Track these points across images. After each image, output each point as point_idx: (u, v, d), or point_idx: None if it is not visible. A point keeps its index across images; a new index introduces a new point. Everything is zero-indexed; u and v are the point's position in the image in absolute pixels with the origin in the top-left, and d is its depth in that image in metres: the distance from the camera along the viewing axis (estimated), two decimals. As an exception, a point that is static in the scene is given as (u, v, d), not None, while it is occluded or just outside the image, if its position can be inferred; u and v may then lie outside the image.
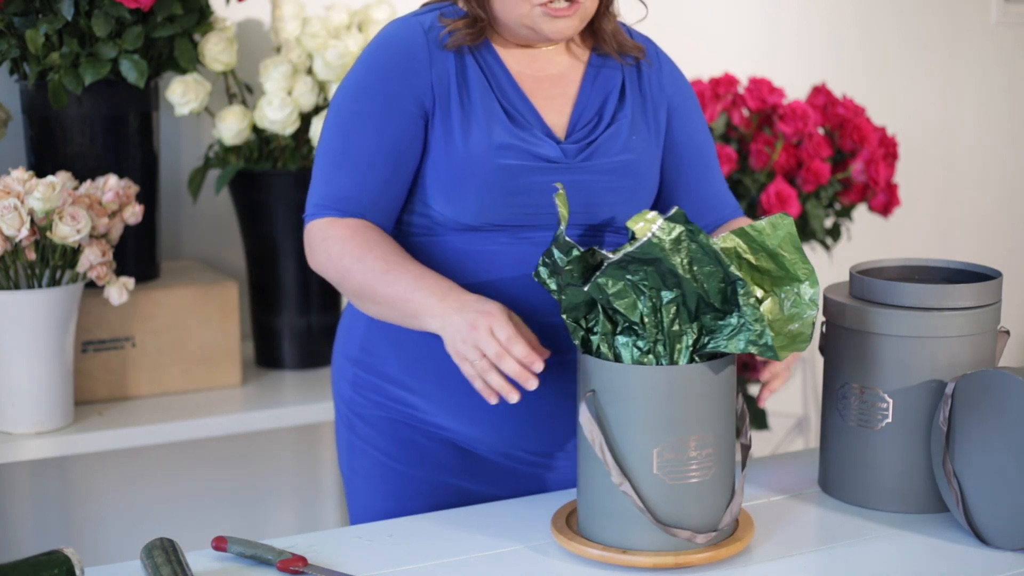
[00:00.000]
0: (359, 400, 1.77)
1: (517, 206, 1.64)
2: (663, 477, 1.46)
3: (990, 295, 1.65)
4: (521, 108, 1.66)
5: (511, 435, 1.71)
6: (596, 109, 1.70)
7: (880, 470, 1.66)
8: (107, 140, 2.24)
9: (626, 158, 1.68)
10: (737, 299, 1.44)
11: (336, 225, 1.64)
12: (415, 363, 1.71)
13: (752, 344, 1.44)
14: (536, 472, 1.77)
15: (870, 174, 2.57)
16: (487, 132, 1.62)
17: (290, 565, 1.47)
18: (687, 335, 1.47)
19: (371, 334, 1.75)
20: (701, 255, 1.43)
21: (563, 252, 1.47)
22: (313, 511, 2.77)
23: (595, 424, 1.46)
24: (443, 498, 1.76)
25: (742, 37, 3.12)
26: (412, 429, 1.75)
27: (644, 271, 1.44)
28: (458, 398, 1.69)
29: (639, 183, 1.70)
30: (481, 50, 1.67)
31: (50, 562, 1.37)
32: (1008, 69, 3.54)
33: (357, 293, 1.63)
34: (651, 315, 1.46)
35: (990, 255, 3.49)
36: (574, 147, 1.66)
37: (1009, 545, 1.55)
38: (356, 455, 1.80)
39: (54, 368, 2.07)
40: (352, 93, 1.67)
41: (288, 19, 2.42)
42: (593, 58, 1.73)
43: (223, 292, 2.31)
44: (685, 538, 1.48)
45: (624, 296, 1.45)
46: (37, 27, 2.15)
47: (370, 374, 1.76)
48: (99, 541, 2.56)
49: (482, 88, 1.65)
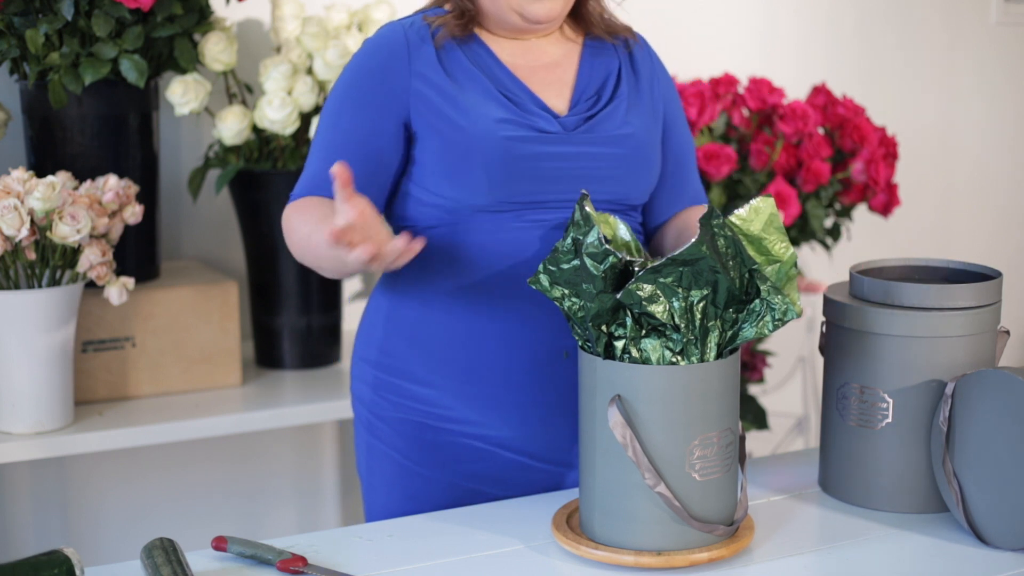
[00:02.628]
0: (380, 402, 1.78)
1: (523, 181, 1.65)
2: (694, 474, 1.47)
3: (990, 295, 1.65)
4: (518, 92, 1.69)
5: (533, 428, 1.72)
6: (595, 89, 1.73)
7: (880, 470, 1.67)
8: (107, 140, 2.24)
9: (625, 131, 1.70)
10: (756, 284, 1.46)
11: (293, 205, 1.68)
12: (437, 360, 1.72)
13: (778, 322, 1.46)
14: (557, 471, 1.77)
15: (870, 174, 2.57)
16: (484, 110, 1.65)
17: (290, 565, 1.47)
18: (714, 332, 1.48)
19: (390, 335, 1.76)
20: (735, 250, 1.45)
21: (597, 260, 1.47)
22: (313, 511, 2.78)
23: (628, 427, 1.46)
24: (461, 501, 1.76)
25: (742, 37, 3.12)
26: (434, 431, 1.75)
27: (678, 272, 1.44)
28: (483, 392, 1.70)
29: (639, 156, 1.71)
30: (470, 44, 1.70)
31: (50, 562, 1.37)
32: (1008, 69, 3.54)
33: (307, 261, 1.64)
34: (683, 316, 1.46)
35: (990, 255, 3.49)
36: (573, 120, 1.68)
37: (1009, 545, 1.55)
38: (375, 457, 1.80)
39: (54, 368, 2.07)
40: (333, 94, 1.72)
41: (288, 19, 2.42)
42: (588, 43, 1.76)
43: (223, 292, 2.31)
44: (719, 534, 1.49)
45: (655, 300, 1.45)
46: (37, 27, 2.15)
47: (391, 375, 1.76)
48: (99, 541, 2.56)
49: (473, 76, 1.67)
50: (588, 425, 1.51)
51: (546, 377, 1.69)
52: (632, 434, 1.45)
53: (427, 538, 1.59)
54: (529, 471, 1.76)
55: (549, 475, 1.78)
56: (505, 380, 1.70)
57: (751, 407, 2.66)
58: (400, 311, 1.75)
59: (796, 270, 1.53)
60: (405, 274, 1.73)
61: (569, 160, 1.66)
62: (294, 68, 2.35)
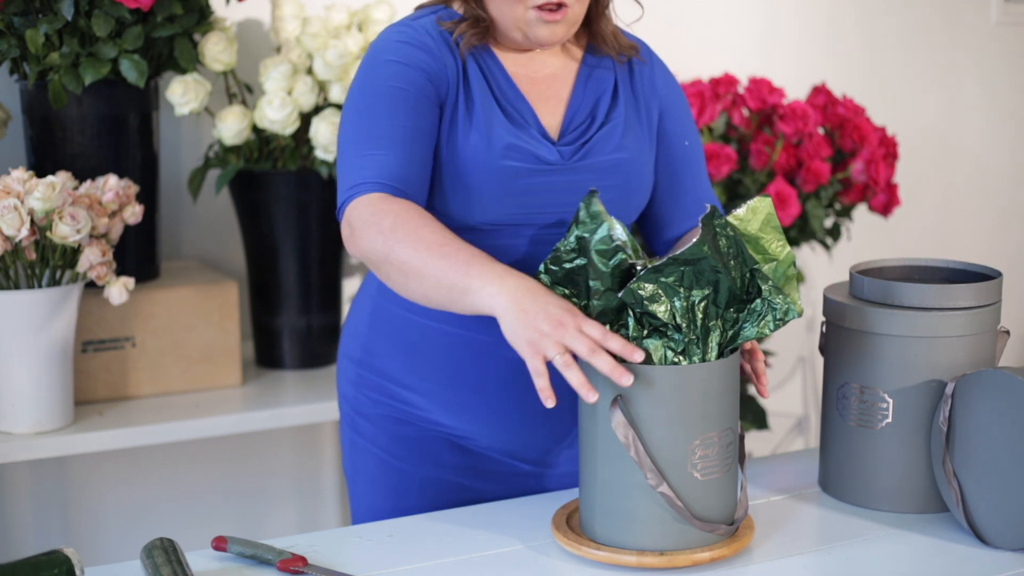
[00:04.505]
0: (361, 399, 1.78)
1: (512, 206, 1.64)
2: (696, 474, 1.47)
3: (990, 295, 1.65)
4: (519, 108, 1.67)
5: (513, 434, 1.72)
6: (589, 110, 1.71)
7: (880, 470, 1.67)
8: (107, 140, 2.24)
9: (619, 156, 1.69)
10: (757, 283, 1.46)
11: (388, 200, 1.54)
12: (417, 362, 1.72)
13: (779, 321, 1.46)
14: (537, 471, 1.78)
15: (870, 174, 2.57)
16: (488, 133, 1.63)
17: (290, 565, 1.47)
18: (715, 331, 1.48)
19: (373, 334, 1.76)
20: (736, 249, 1.45)
21: (607, 257, 1.46)
22: (313, 511, 2.78)
23: (630, 428, 1.46)
24: (444, 496, 1.76)
25: (742, 37, 3.12)
26: (414, 427, 1.75)
27: (680, 272, 1.44)
28: (460, 396, 1.70)
29: (632, 181, 1.70)
30: (481, 52, 1.68)
31: (50, 562, 1.37)
32: (1008, 69, 3.54)
33: (404, 268, 1.51)
34: (684, 315, 1.46)
35: (990, 255, 3.49)
36: (569, 149, 1.67)
37: (1009, 545, 1.55)
38: (359, 454, 1.81)
39: (54, 368, 2.07)
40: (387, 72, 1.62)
41: (288, 19, 2.42)
42: (587, 58, 1.74)
43: (223, 292, 2.31)
44: (720, 534, 1.49)
45: (657, 300, 1.45)
46: (37, 27, 2.15)
47: (372, 373, 1.76)
48: (99, 541, 2.56)
49: (482, 89, 1.65)
50: (588, 425, 1.51)
51: (526, 385, 1.67)
52: (635, 435, 1.45)
53: (427, 538, 1.59)
54: (509, 468, 1.77)
55: (529, 475, 1.78)
56: (484, 387, 1.69)
57: (751, 407, 2.66)
58: (385, 311, 1.75)
59: (795, 269, 1.53)
60: None
61: (562, 188, 1.64)
62: (294, 68, 2.35)
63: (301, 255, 2.40)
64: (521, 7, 1.62)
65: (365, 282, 1.82)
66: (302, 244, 2.39)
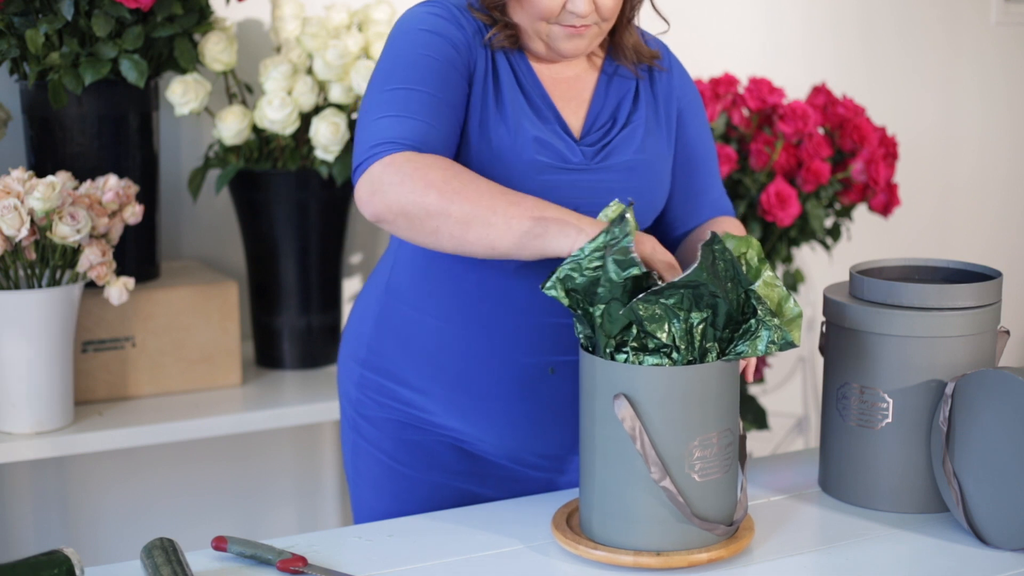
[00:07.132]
0: (365, 401, 1.77)
1: None
2: (693, 475, 1.47)
3: (990, 295, 1.65)
4: (545, 104, 1.66)
5: (519, 438, 1.71)
6: (610, 113, 1.71)
7: (880, 470, 1.67)
8: (107, 140, 2.24)
9: (640, 158, 1.68)
10: (752, 304, 1.46)
11: (424, 156, 1.51)
12: (424, 364, 1.71)
13: (773, 344, 1.46)
14: (545, 476, 1.77)
15: (870, 174, 2.57)
16: (515, 126, 1.62)
17: (290, 565, 1.47)
18: (712, 352, 1.48)
19: (379, 334, 1.75)
20: (733, 272, 1.45)
21: (622, 268, 1.46)
22: (313, 511, 2.78)
23: (637, 420, 1.45)
24: (447, 502, 1.76)
25: (742, 37, 3.12)
26: (418, 431, 1.74)
27: (679, 294, 1.44)
28: (467, 400, 1.69)
29: (651, 183, 1.70)
30: (512, 52, 1.67)
31: (50, 562, 1.37)
32: (1008, 69, 3.54)
33: (465, 217, 1.47)
34: (684, 337, 1.46)
35: (990, 255, 3.49)
36: (591, 149, 1.66)
37: (1009, 545, 1.55)
38: (361, 457, 1.80)
39: (54, 368, 2.07)
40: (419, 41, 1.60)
41: (288, 19, 2.42)
42: (607, 63, 1.74)
43: (223, 292, 2.31)
44: (718, 534, 1.49)
45: (656, 320, 1.45)
46: (37, 27, 2.15)
47: (377, 375, 1.75)
48: (99, 541, 2.56)
49: (510, 82, 1.65)
50: (588, 425, 1.51)
51: (536, 390, 1.68)
52: (641, 426, 1.45)
53: (427, 538, 1.59)
54: (516, 474, 1.76)
55: (537, 480, 1.77)
56: (492, 392, 1.69)
57: (751, 407, 2.66)
58: (394, 312, 1.73)
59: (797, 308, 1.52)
60: (401, 276, 1.73)
61: (582, 186, 1.64)
62: (294, 68, 2.35)
63: (301, 255, 2.40)
64: (544, 24, 1.62)
65: (370, 282, 1.81)
66: (302, 244, 2.39)
